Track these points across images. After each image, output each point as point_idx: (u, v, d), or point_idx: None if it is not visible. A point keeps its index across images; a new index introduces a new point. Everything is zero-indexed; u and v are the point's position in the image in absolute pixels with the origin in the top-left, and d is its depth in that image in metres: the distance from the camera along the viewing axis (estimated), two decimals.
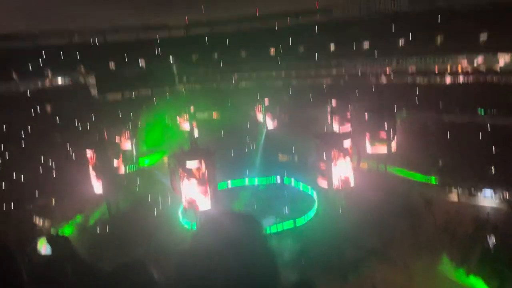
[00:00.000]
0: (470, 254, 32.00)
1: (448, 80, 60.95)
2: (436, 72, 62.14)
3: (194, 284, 2.10)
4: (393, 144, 49.25)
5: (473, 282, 29.22)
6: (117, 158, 48.81)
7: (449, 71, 61.23)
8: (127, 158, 56.93)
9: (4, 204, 43.87)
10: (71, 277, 4.62)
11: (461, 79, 59.77)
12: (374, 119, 48.97)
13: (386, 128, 48.63)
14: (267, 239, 2.30)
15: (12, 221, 40.06)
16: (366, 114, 50.00)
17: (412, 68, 64.65)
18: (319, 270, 30.10)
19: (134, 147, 61.94)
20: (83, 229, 40.85)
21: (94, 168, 47.29)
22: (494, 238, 32.94)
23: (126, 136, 60.69)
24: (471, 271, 29.74)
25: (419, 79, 63.47)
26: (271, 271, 2.23)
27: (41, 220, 42.76)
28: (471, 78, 58.79)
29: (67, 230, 41.80)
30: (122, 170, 51.43)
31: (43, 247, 12.22)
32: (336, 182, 41.50)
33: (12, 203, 44.57)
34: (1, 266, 2.52)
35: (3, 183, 47.74)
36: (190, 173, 37.23)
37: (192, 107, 71.48)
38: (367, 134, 49.14)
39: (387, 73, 66.96)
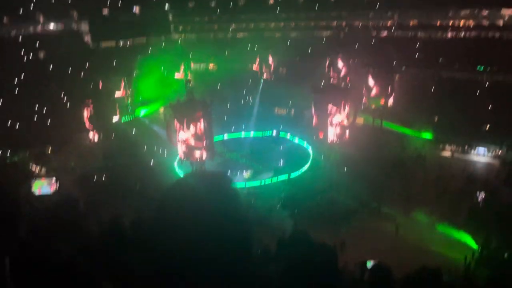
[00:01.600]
0: (458, 208, 32.79)
1: (449, 35, 59.64)
2: (438, 26, 60.62)
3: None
4: (390, 99, 49.01)
5: (459, 235, 30.12)
6: (113, 108, 48.42)
7: (450, 25, 59.78)
8: (122, 107, 56.49)
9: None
10: (84, 216, 4.62)
11: (462, 34, 58.49)
12: (372, 73, 48.39)
13: (383, 83, 48.18)
14: (236, 195, 2.30)
15: (7, 168, 40.33)
16: (364, 68, 49.33)
17: (413, 22, 62.97)
18: (310, 220, 30.81)
19: (129, 96, 61.29)
20: (79, 178, 41.13)
21: (89, 117, 47.13)
22: (483, 194, 33.68)
23: (121, 85, 59.91)
24: (458, 224, 30.57)
25: (420, 34, 62.03)
26: (241, 226, 2.28)
27: (37, 167, 43.02)
28: (472, 33, 57.53)
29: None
30: (117, 120, 51.22)
31: (38, 189, 12.40)
32: (331, 136, 41.67)
33: (9, 150, 44.65)
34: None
35: None
36: (186, 124, 37.06)
37: (188, 57, 70.18)
38: (364, 88, 48.72)
39: (388, 26, 65.35)
